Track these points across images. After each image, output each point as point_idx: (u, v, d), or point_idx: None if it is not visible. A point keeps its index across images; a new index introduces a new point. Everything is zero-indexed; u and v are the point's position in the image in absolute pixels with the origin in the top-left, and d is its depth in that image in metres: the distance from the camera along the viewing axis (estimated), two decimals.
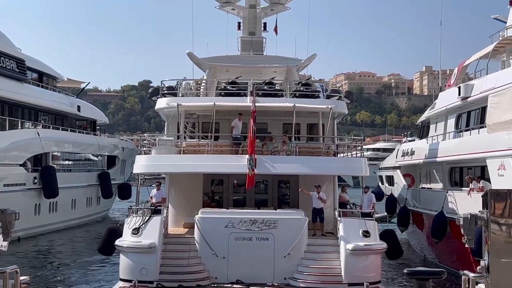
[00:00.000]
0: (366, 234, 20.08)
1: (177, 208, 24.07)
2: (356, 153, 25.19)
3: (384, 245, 20.45)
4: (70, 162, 47.22)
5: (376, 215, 22.49)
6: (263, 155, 21.70)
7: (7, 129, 37.93)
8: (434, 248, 29.39)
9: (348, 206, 23.38)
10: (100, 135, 55.06)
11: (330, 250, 20.37)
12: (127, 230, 20.34)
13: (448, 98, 31.25)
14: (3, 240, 9.47)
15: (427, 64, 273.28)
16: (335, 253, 20.12)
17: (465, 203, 24.42)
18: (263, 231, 19.89)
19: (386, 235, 21.95)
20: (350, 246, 19.59)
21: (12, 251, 10.13)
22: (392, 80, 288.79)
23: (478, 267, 9.15)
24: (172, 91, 25.22)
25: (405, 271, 10.94)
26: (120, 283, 19.61)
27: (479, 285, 9.08)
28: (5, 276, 8.90)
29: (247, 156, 20.86)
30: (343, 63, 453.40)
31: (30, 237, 36.89)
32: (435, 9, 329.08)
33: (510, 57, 29.37)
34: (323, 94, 25.90)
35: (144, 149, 24.17)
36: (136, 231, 20.05)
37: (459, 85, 29.36)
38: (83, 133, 50.91)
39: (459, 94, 28.66)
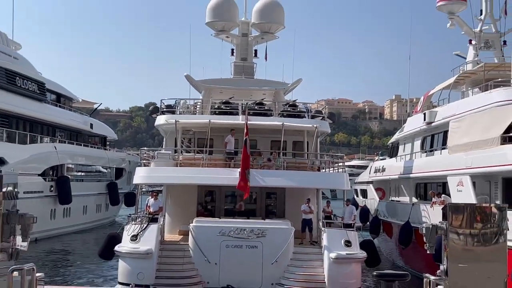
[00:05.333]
0: (348, 243, 19.57)
1: (173, 216, 23.51)
2: (338, 169, 24.95)
3: (364, 254, 19.87)
4: (82, 173, 47.13)
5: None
6: (253, 169, 21.29)
7: (28, 143, 37.91)
8: (402, 254, 29.41)
9: (334, 217, 23.13)
10: (109, 150, 54.99)
11: (315, 258, 19.80)
12: (126, 237, 19.75)
13: (415, 123, 31.45)
14: (22, 241, 9.46)
15: (397, 93, 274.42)
16: (319, 261, 19.57)
17: (429, 214, 24.59)
18: (252, 239, 19.32)
19: (365, 245, 21.35)
20: (333, 255, 19.04)
21: (29, 250, 10.09)
22: (366, 106, 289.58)
23: (438, 271, 9.20)
24: (170, 109, 24.97)
25: (374, 273, 11.01)
26: (119, 286, 19.15)
27: (438, 287, 9.13)
28: (23, 272, 8.90)
29: (239, 169, 20.50)
30: (324, 90, 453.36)
31: (46, 239, 36.64)
32: (404, 46, 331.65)
33: (469, 88, 29.61)
34: (308, 115, 25.61)
35: (144, 161, 23.76)
36: (134, 237, 19.42)
37: (424, 112, 29.55)
38: (94, 147, 50.85)
39: (424, 120, 28.85)
